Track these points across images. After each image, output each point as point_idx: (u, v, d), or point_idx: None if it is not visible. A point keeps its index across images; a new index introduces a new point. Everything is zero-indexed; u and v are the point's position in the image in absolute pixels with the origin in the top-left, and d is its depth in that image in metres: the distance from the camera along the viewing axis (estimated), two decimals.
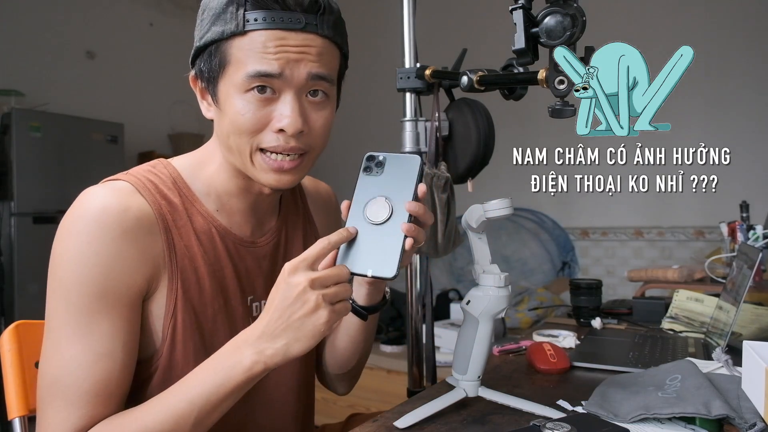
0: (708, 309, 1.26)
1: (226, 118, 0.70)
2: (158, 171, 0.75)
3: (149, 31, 4.18)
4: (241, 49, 0.67)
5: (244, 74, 0.67)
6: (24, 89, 3.25)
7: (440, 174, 1.06)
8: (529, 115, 2.72)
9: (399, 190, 0.64)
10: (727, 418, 0.66)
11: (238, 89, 0.68)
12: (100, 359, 0.66)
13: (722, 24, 3.16)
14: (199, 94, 0.76)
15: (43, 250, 2.48)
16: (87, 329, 0.66)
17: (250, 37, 0.67)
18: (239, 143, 0.70)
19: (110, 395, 0.66)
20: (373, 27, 3.14)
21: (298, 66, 0.68)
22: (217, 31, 0.68)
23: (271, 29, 0.66)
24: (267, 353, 0.61)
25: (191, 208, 0.74)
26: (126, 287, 0.68)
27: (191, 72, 0.75)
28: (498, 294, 0.74)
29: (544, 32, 0.71)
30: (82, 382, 0.65)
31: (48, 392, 0.66)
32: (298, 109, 0.68)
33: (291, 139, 0.69)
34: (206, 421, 0.64)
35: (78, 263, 0.66)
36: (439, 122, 1.07)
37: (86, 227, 0.66)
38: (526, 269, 3.59)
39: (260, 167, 0.71)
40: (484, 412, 0.75)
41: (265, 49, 0.66)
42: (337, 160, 4.52)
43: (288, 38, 0.67)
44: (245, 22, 0.66)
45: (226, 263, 0.76)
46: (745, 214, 2.08)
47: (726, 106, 3.17)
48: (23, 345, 0.92)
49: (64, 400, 0.65)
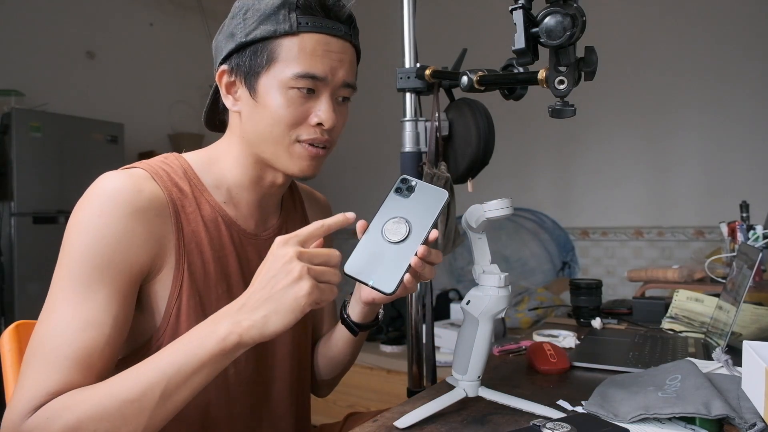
0: (708, 309, 1.26)
1: (265, 110, 0.76)
2: (170, 162, 0.79)
3: (149, 31, 4.18)
4: (290, 49, 0.74)
5: (292, 72, 0.74)
6: (24, 89, 3.25)
7: (440, 174, 1.06)
8: (529, 115, 2.72)
9: (420, 218, 0.66)
10: (727, 418, 0.66)
11: (282, 85, 0.74)
12: (87, 327, 0.66)
13: (722, 24, 3.16)
14: (224, 88, 0.79)
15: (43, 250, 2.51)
16: (82, 297, 0.67)
17: (301, 38, 0.74)
18: (278, 134, 0.76)
19: (90, 366, 0.66)
20: (373, 27, 3.14)
21: (337, 72, 0.76)
22: (268, 29, 0.74)
23: (320, 33, 0.75)
24: (243, 324, 0.60)
25: (200, 197, 0.79)
26: (129, 264, 0.70)
27: (222, 66, 0.79)
28: (498, 294, 0.74)
29: (544, 32, 0.71)
30: (66, 347, 0.65)
31: (32, 352, 0.66)
32: (333, 107, 0.77)
33: (326, 132, 0.78)
34: (175, 396, 0.62)
35: (86, 234, 0.68)
36: (439, 122, 1.06)
37: (99, 203, 0.69)
38: (526, 269, 3.60)
39: (298, 155, 0.78)
40: (484, 412, 0.75)
41: (314, 51, 0.74)
42: (337, 159, 4.52)
43: (331, 44, 0.75)
44: (298, 24, 0.74)
45: (230, 251, 0.80)
46: (745, 214, 2.08)
47: (726, 106, 3.17)
48: (23, 345, 0.92)
49: (45, 361, 0.65)
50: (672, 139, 3.32)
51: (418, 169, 1.09)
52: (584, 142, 3.54)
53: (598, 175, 3.55)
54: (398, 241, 0.65)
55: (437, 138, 1.07)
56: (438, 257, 0.68)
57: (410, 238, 0.65)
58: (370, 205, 3.50)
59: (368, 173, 4.36)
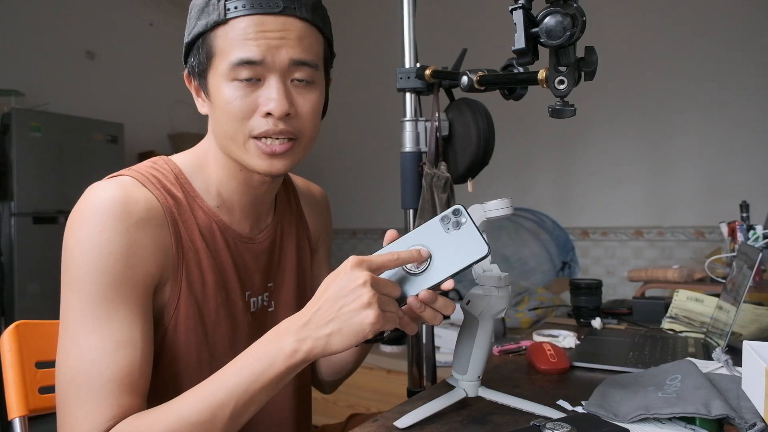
0: (708, 309, 1.26)
1: (218, 109, 0.72)
2: (160, 167, 0.76)
3: (149, 31, 4.18)
4: (224, 39, 0.69)
5: (228, 63, 0.69)
6: (24, 89, 3.25)
7: (440, 174, 1.06)
8: (529, 115, 2.72)
9: (446, 260, 0.62)
10: (727, 418, 0.66)
11: (224, 78, 0.70)
12: (120, 347, 0.64)
13: (722, 24, 3.16)
14: (194, 92, 0.77)
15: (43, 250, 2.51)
16: (105, 319, 0.65)
17: (231, 25, 0.68)
18: (232, 132, 0.71)
19: (134, 384, 0.65)
20: (373, 27, 3.13)
21: (279, 51, 0.69)
22: (201, 24, 0.70)
23: (251, 14, 0.68)
24: (308, 342, 0.60)
25: (193, 203, 0.75)
26: (141, 276, 0.68)
27: (185, 71, 0.76)
28: (498, 294, 0.73)
29: (544, 32, 0.71)
30: (105, 370, 0.63)
31: (69, 386, 0.64)
32: (283, 91, 0.69)
33: (279, 122, 0.70)
34: (244, 413, 0.62)
35: (91, 253, 0.65)
36: (439, 122, 1.06)
37: (97, 218, 0.66)
38: (526, 269, 3.59)
39: (254, 153, 0.72)
40: (484, 412, 0.75)
41: (245, 35, 0.68)
42: (337, 159, 4.53)
43: (267, 23, 0.68)
44: (226, 11, 0.68)
45: (226, 258, 0.78)
46: (745, 214, 2.08)
47: (726, 107, 3.17)
48: (23, 345, 0.92)
49: (88, 390, 0.63)
50: (672, 139, 3.32)
51: (418, 170, 1.09)
52: (584, 142, 3.54)
53: (598, 175, 3.55)
54: (412, 273, 0.63)
55: (437, 138, 1.07)
56: (447, 308, 0.65)
57: (424, 276, 0.63)
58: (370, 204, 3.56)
59: (368, 173, 4.36)
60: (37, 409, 0.92)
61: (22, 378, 0.90)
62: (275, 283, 0.86)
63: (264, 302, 0.84)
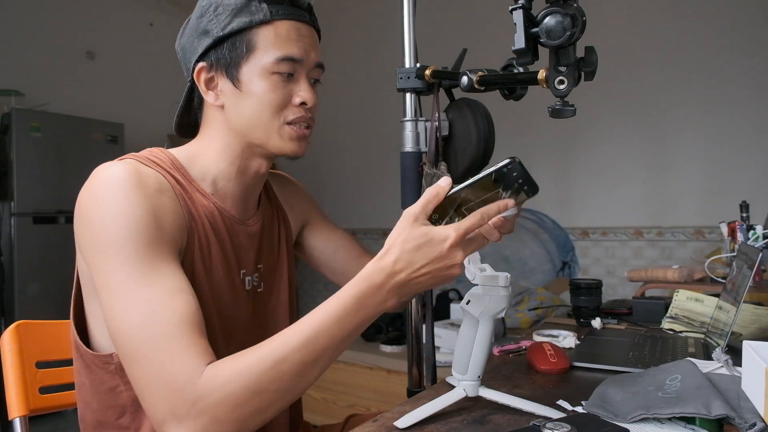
0: (708, 309, 1.26)
1: (250, 98, 0.79)
2: (157, 154, 0.81)
3: (149, 31, 4.18)
4: (266, 37, 0.78)
5: (275, 58, 0.78)
6: (24, 89, 3.26)
7: (440, 174, 1.06)
8: (529, 115, 2.72)
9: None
10: (727, 418, 0.66)
11: (264, 71, 0.79)
12: (176, 294, 0.67)
13: (722, 23, 3.16)
14: (204, 85, 0.82)
15: (43, 250, 2.52)
16: (151, 274, 0.67)
17: (275, 26, 0.79)
18: (266, 118, 0.80)
19: (200, 325, 0.67)
20: (373, 27, 3.14)
21: (310, 54, 0.82)
22: (243, 21, 0.78)
23: (291, 20, 0.80)
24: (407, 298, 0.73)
25: (191, 186, 0.81)
26: (171, 235, 0.72)
27: (200, 63, 0.81)
28: (498, 294, 0.73)
29: (544, 32, 0.71)
30: (171, 316, 0.65)
31: (141, 338, 0.64)
32: (310, 86, 0.83)
33: (309, 110, 0.83)
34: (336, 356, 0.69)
35: (122, 218, 0.68)
36: (439, 122, 1.07)
37: (118, 187, 0.69)
38: (526, 269, 3.59)
39: (288, 137, 0.82)
40: (484, 412, 0.75)
41: (289, 36, 0.79)
42: (337, 159, 4.53)
43: (301, 29, 0.81)
44: (271, 13, 0.78)
45: (225, 236, 0.83)
46: (745, 214, 2.08)
47: (726, 106, 3.17)
48: (23, 345, 0.92)
49: (162, 337, 0.63)
50: (672, 138, 3.32)
51: (418, 170, 1.09)
52: (584, 142, 3.54)
53: (598, 175, 3.55)
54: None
55: (437, 138, 1.07)
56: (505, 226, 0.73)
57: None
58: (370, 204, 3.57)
59: (368, 173, 4.36)
60: (37, 409, 0.92)
61: (22, 378, 0.90)
62: (264, 265, 0.91)
63: (254, 282, 0.89)
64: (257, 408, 0.63)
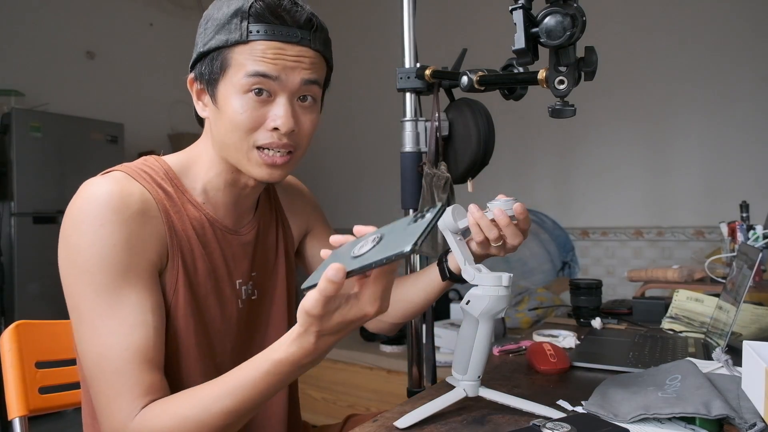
0: (708, 309, 1.26)
1: (224, 116, 0.77)
2: (151, 164, 0.80)
3: (149, 31, 4.18)
4: (242, 54, 0.74)
5: (244, 74, 0.74)
6: (24, 89, 3.26)
7: (440, 174, 1.06)
8: (529, 115, 2.72)
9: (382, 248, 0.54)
10: (727, 418, 0.66)
11: (237, 90, 0.75)
12: (135, 329, 0.70)
13: (722, 23, 3.16)
14: (195, 95, 0.82)
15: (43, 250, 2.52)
16: (117, 305, 0.70)
17: (251, 46, 0.74)
18: (236, 140, 0.77)
19: (152, 360, 0.70)
20: (373, 27, 3.14)
21: (293, 72, 0.75)
22: (221, 39, 0.75)
23: (271, 41, 0.74)
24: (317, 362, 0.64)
25: (182, 197, 0.80)
26: (145, 261, 0.73)
27: (190, 74, 0.81)
28: (498, 294, 0.74)
29: (544, 32, 0.71)
30: (124, 352, 0.69)
31: (96, 369, 0.69)
32: (290, 111, 0.76)
33: (283, 136, 0.77)
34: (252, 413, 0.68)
35: (96, 246, 0.70)
36: (439, 122, 1.06)
37: (97, 212, 0.70)
38: (526, 269, 3.59)
39: (255, 162, 0.78)
40: (484, 412, 0.75)
41: (264, 54, 0.74)
42: (337, 159, 4.53)
43: (286, 49, 0.75)
44: (248, 33, 0.74)
45: (215, 248, 0.83)
46: (745, 214, 2.08)
47: (726, 107, 3.17)
48: (23, 345, 0.92)
49: (113, 374, 0.68)
50: (672, 138, 3.32)
51: (418, 170, 1.09)
52: (584, 142, 3.54)
53: (598, 174, 3.55)
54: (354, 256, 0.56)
55: (437, 138, 1.07)
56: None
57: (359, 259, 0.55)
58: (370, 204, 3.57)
59: (368, 173, 4.36)
60: (37, 409, 0.92)
61: (22, 378, 0.90)
62: (258, 273, 0.91)
63: (248, 291, 0.89)
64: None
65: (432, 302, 0.97)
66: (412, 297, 0.96)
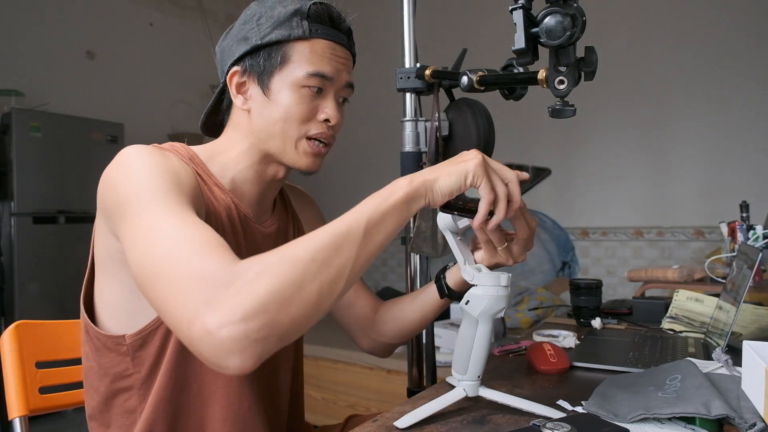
0: (708, 309, 1.26)
1: (277, 106, 0.82)
2: (177, 148, 0.83)
3: (149, 31, 4.18)
4: (302, 52, 0.81)
5: (306, 72, 0.81)
6: (24, 89, 3.25)
7: None
8: (529, 115, 2.72)
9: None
10: (727, 418, 0.66)
11: (295, 83, 0.81)
12: (203, 225, 0.63)
13: (722, 23, 3.16)
14: (234, 88, 0.84)
15: (43, 250, 2.51)
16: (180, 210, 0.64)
17: (312, 43, 0.82)
18: (288, 129, 0.82)
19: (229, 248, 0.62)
20: (373, 27, 3.14)
21: (342, 73, 0.85)
22: (282, 33, 0.81)
23: (328, 40, 0.83)
24: (419, 178, 0.68)
25: (210, 179, 0.83)
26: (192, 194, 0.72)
27: (234, 67, 0.84)
28: (497, 294, 0.73)
29: (544, 32, 0.71)
30: (201, 236, 0.60)
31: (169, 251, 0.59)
32: (337, 105, 0.85)
33: (331, 128, 0.85)
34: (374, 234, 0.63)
35: (150, 172, 0.69)
36: (439, 122, 1.07)
37: (145, 152, 0.72)
38: (526, 269, 3.59)
39: (303, 151, 0.84)
40: (484, 412, 0.75)
41: (323, 54, 0.82)
42: (337, 159, 4.53)
43: (337, 50, 0.84)
44: (310, 31, 0.81)
45: (240, 233, 0.84)
46: (745, 214, 2.08)
47: (726, 107, 3.17)
48: (23, 345, 0.92)
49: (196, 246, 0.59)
50: (672, 138, 3.32)
51: (418, 170, 1.09)
52: (584, 141, 3.54)
53: (598, 174, 3.55)
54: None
55: (437, 138, 1.07)
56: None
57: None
58: None
59: (368, 173, 4.36)
60: (38, 409, 0.92)
61: (22, 378, 0.90)
62: None
63: None
64: (293, 280, 0.56)
65: (429, 322, 0.97)
66: (408, 315, 0.97)
